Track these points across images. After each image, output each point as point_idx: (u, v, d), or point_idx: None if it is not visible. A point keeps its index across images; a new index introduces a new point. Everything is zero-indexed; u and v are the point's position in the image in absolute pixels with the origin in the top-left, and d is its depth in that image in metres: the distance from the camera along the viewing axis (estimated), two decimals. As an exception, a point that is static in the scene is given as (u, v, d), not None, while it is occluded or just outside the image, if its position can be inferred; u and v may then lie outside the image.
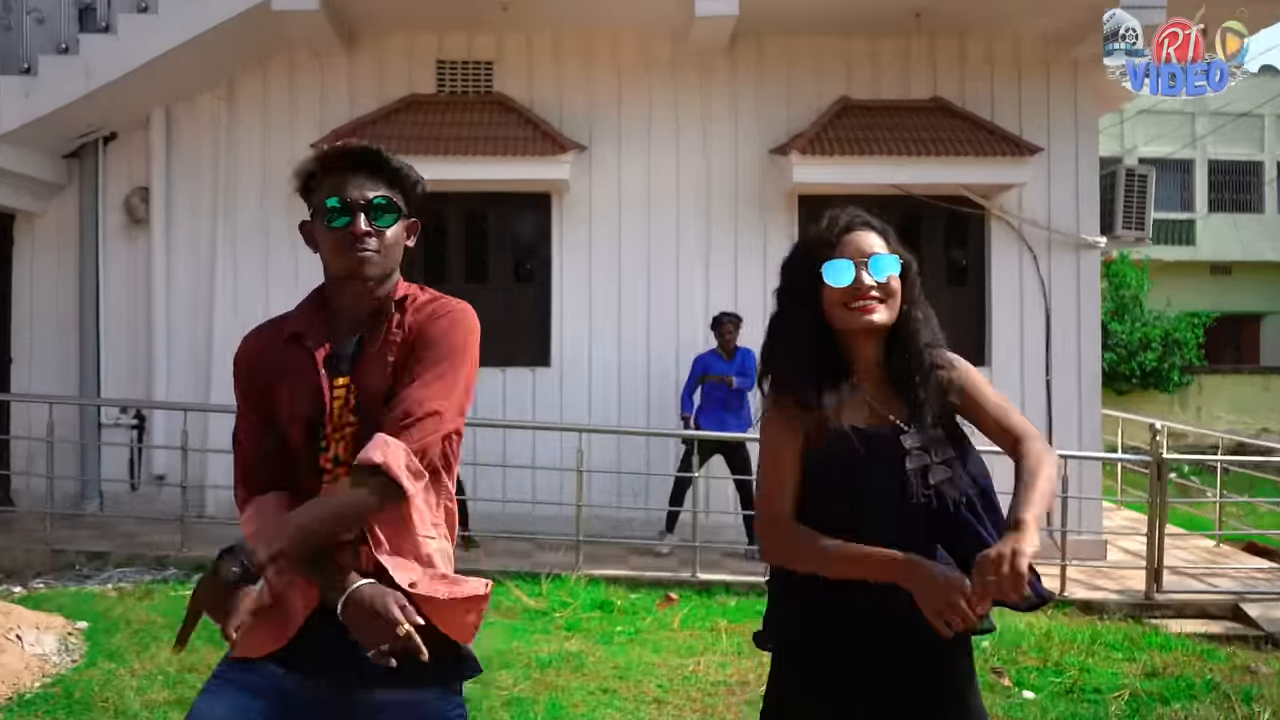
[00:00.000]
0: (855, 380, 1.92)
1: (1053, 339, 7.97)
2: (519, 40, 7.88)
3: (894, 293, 1.94)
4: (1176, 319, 20.82)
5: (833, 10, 7.47)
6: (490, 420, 7.35)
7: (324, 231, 1.85)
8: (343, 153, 1.89)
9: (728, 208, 7.91)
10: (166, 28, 7.02)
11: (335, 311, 1.90)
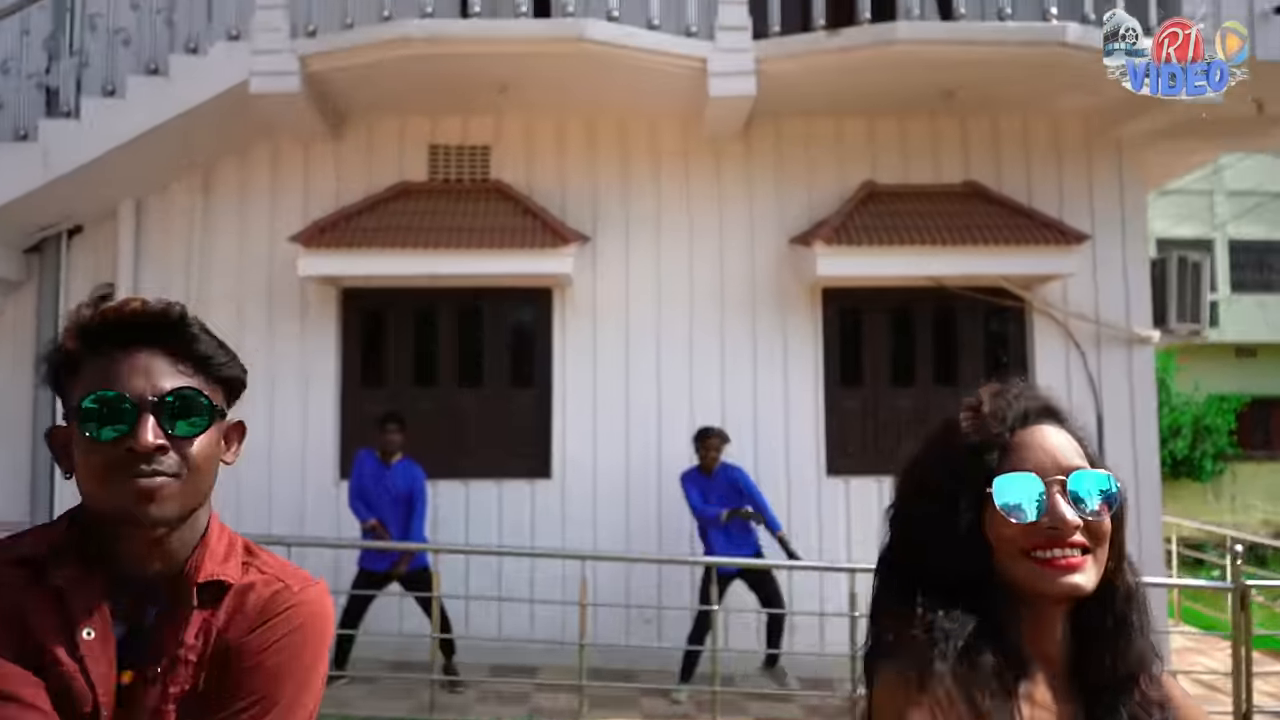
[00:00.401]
0: (1030, 670, 1.17)
1: (1106, 445, 7.20)
2: (517, 124, 7.32)
3: (1103, 537, 1.19)
4: (1206, 404, 20.08)
5: (856, 90, 6.89)
6: (484, 548, 6.60)
7: (85, 445, 1.17)
8: (117, 320, 1.20)
9: (745, 303, 7.25)
10: (134, 112, 6.45)
11: (106, 561, 1.19)
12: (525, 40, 6.19)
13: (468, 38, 6.18)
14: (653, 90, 6.82)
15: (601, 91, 6.90)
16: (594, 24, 6.17)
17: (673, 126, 7.32)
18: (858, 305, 7.36)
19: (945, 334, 7.40)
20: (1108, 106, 7.13)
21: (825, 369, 7.27)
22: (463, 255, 6.68)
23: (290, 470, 7.06)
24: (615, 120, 7.32)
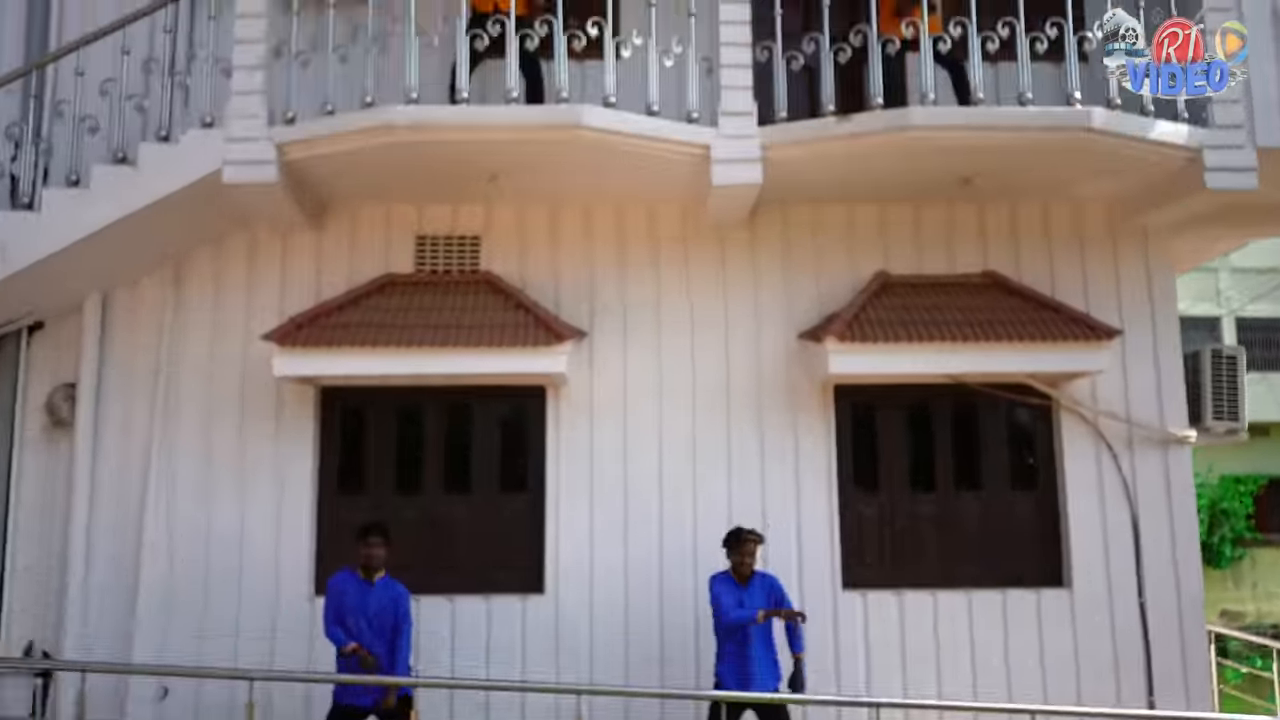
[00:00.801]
0: None
1: (1143, 553, 6.68)
2: (509, 213, 6.92)
3: None
4: (1221, 486, 19.52)
5: (867, 177, 6.51)
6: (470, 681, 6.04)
7: None
8: None
9: (751, 401, 6.77)
10: (99, 203, 6.04)
11: None
12: (518, 128, 5.80)
13: (456, 125, 5.79)
14: (652, 178, 6.43)
15: (598, 179, 6.52)
16: (591, 110, 5.79)
17: (673, 215, 6.93)
18: (872, 403, 6.88)
19: (966, 434, 6.91)
20: (1132, 192, 6.77)
21: (839, 472, 6.76)
22: (450, 354, 6.21)
23: (262, 584, 6.51)
24: (612, 209, 6.92)
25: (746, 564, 5.78)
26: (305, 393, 6.70)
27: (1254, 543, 19.33)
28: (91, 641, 6.36)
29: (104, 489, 6.57)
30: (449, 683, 6.03)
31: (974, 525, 6.81)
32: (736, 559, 5.80)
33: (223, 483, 6.60)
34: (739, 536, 5.82)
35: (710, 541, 6.48)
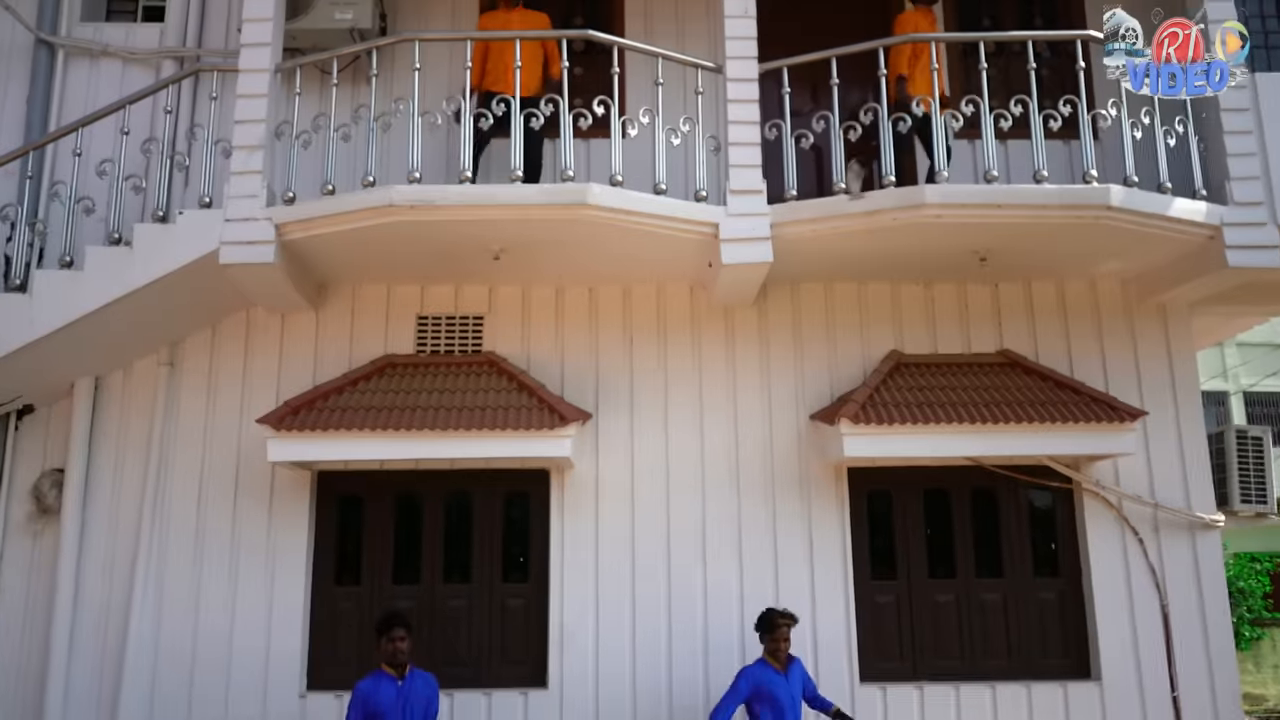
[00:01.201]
0: None
1: (1175, 644, 6.38)
2: (513, 293, 6.77)
3: None
4: (1236, 564, 19.12)
5: (880, 255, 6.37)
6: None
7: None
8: None
9: (763, 485, 6.54)
10: (93, 285, 5.89)
11: None
12: (523, 206, 5.67)
13: (460, 204, 5.66)
14: (660, 257, 6.30)
15: (604, 259, 6.38)
16: (597, 189, 5.67)
17: (681, 294, 6.78)
18: (888, 486, 6.66)
19: (986, 518, 6.67)
20: (1151, 270, 6.63)
21: (854, 558, 6.50)
22: (450, 438, 5.99)
23: (250, 680, 6.20)
24: (619, 288, 6.78)
25: (783, 649, 5.51)
26: (301, 478, 6.47)
27: (1272, 623, 18.85)
28: (71, 742, 6.05)
29: (89, 580, 6.30)
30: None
31: (996, 614, 6.53)
32: (772, 645, 5.52)
33: (213, 574, 6.34)
34: (772, 620, 5.55)
35: (722, 629, 6.23)
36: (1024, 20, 7.44)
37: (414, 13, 7.22)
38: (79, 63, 7.11)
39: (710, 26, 6.85)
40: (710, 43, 6.82)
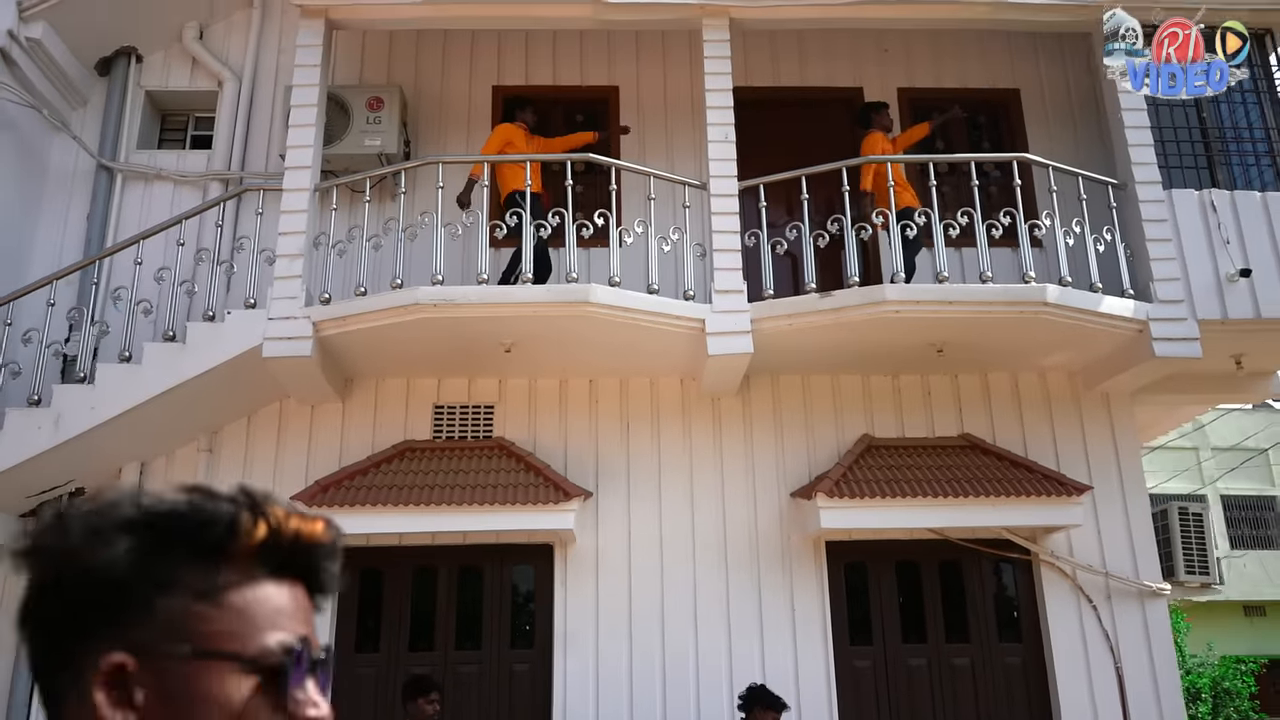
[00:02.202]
0: None
1: (1129, 704, 6.92)
2: (521, 384, 7.51)
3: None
4: (1221, 666, 19.37)
5: (849, 348, 7.14)
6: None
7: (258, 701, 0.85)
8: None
9: (748, 557, 7.16)
10: (149, 377, 6.61)
11: None
12: (532, 305, 6.47)
13: (478, 303, 6.45)
14: (652, 349, 7.06)
15: (603, 352, 7.14)
16: (598, 289, 6.47)
17: (672, 384, 7.52)
18: (863, 559, 7.28)
19: (954, 588, 7.28)
20: (1091, 362, 7.40)
21: (834, 626, 7.08)
22: (464, 512, 6.64)
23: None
24: (616, 380, 7.52)
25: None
26: (326, 554, 7.06)
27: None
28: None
29: (129, 649, 6.83)
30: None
31: (965, 677, 7.07)
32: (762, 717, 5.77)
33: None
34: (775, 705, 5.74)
35: (712, 695, 6.75)
36: (974, 143, 8.42)
37: (433, 136, 8.16)
38: (134, 185, 7.99)
39: (696, 143, 7.74)
40: (696, 160, 7.72)
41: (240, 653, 0.84)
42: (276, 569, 0.89)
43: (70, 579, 0.84)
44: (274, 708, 0.84)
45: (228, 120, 8.12)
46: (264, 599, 0.88)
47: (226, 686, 0.83)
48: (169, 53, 8.35)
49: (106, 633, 0.83)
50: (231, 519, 0.87)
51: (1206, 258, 7.02)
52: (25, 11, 7.35)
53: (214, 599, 0.85)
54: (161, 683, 0.83)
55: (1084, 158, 7.88)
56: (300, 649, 0.87)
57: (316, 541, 0.92)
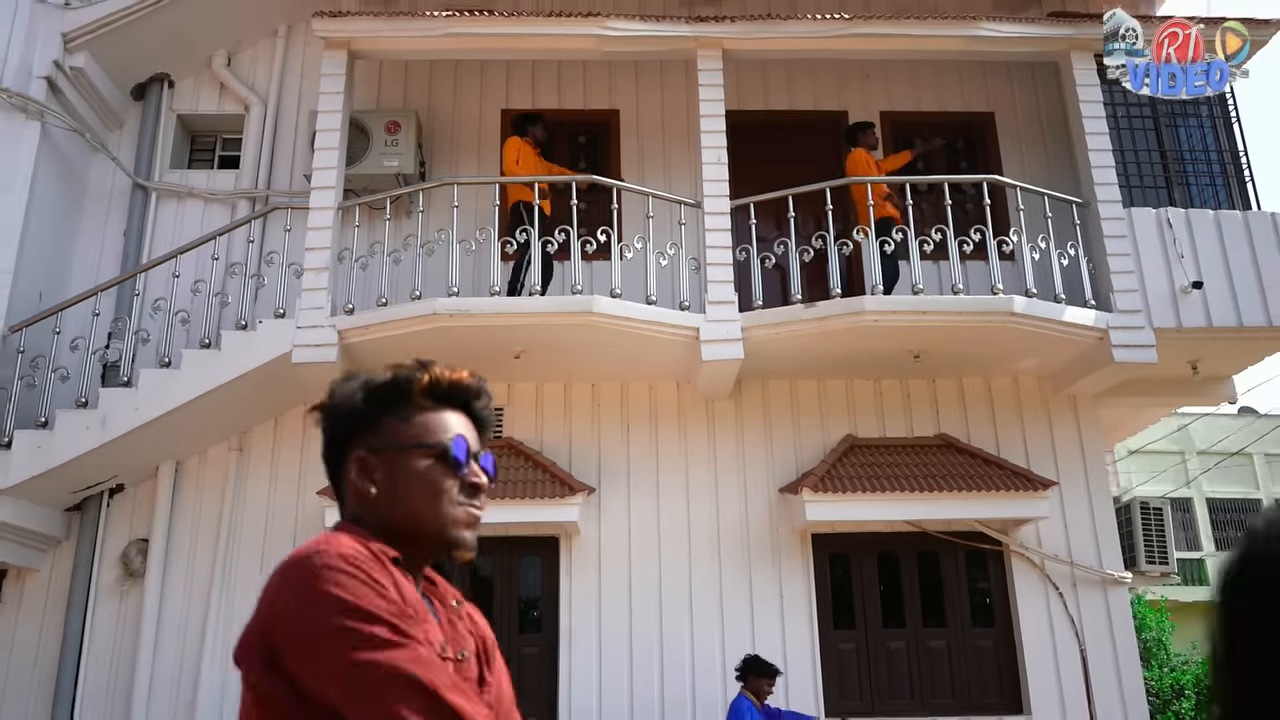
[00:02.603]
0: None
1: (1092, 682, 7.48)
2: (528, 388, 8.07)
3: None
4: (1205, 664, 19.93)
5: (832, 354, 7.71)
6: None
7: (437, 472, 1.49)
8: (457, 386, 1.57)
9: (740, 548, 7.72)
10: (186, 381, 7.18)
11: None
12: (541, 314, 7.04)
13: (489, 312, 7.03)
14: (651, 356, 7.63)
15: (605, 358, 7.70)
16: (601, 300, 7.05)
17: (669, 388, 8.09)
18: (846, 550, 7.84)
19: (931, 576, 7.84)
20: (1057, 367, 7.97)
21: (819, 612, 7.63)
22: (478, 507, 7.19)
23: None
24: (617, 384, 8.09)
25: (766, 692, 6.48)
26: (348, 545, 7.62)
27: (1242, 719, 19.58)
28: (148, 774, 7.05)
29: (167, 633, 7.39)
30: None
31: (941, 659, 7.63)
32: (755, 686, 6.45)
33: (273, 626, 7.42)
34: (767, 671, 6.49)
35: (707, 674, 7.30)
36: (952, 163, 9.00)
37: (446, 157, 8.74)
38: (168, 202, 8.57)
39: (692, 164, 8.28)
40: (692, 179, 8.27)
41: (425, 445, 1.50)
42: (441, 400, 1.54)
43: (338, 412, 1.54)
44: (451, 476, 1.50)
45: (254, 141, 8.70)
46: (436, 418, 1.52)
47: (421, 465, 1.49)
48: (199, 78, 8.92)
49: (356, 441, 1.52)
50: (408, 375, 1.53)
51: (1162, 270, 7.59)
52: (69, 43, 7.92)
53: (407, 419, 1.51)
54: (386, 466, 1.49)
55: (1054, 177, 8.47)
56: (462, 442, 1.51)
57: (462, 382, 1.56)
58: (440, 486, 1.50)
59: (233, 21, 8.78)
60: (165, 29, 8.40)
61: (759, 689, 6.49)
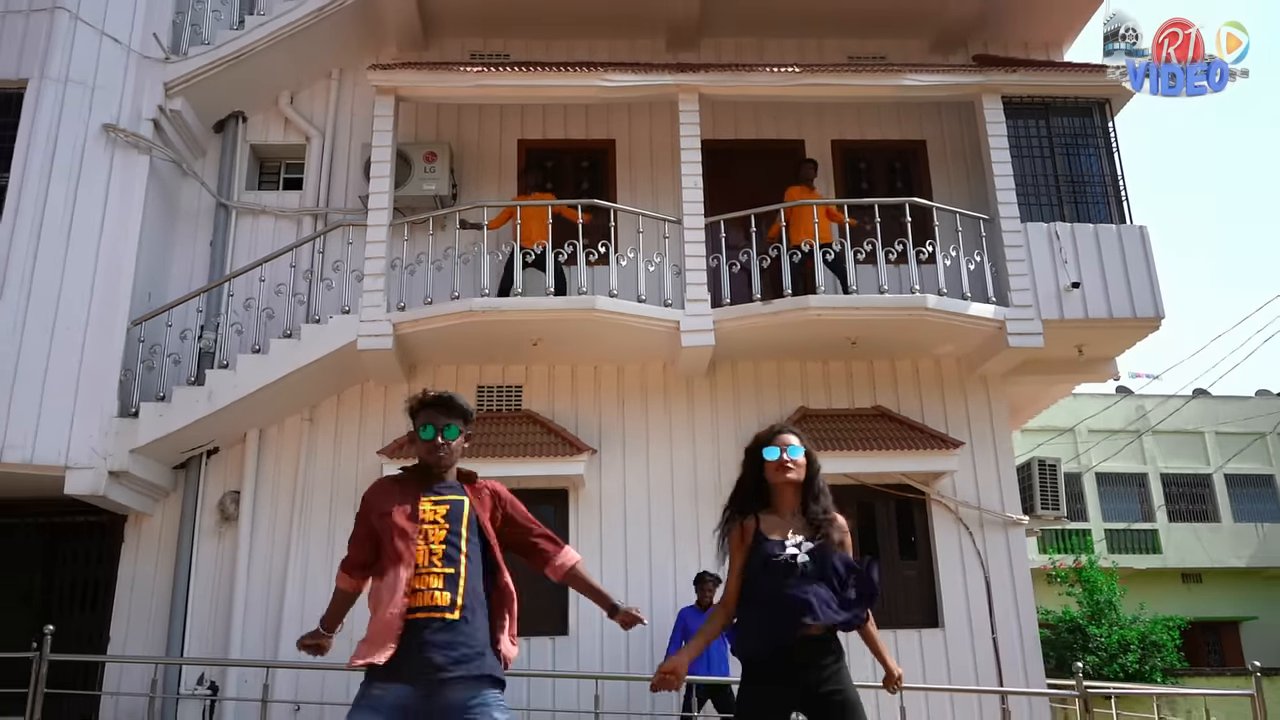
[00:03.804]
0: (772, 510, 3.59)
1: (994, 603, 9.41)
2: (543, 369, 9.97)
3: (802, 466, 3.63)
4: (1152, 623, 21.86)
5: (788, 341, 9.61)
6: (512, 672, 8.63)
7: (420, 442, 3.69)
8: (433, 399, 3.70)
9: (712, 498, 9.58)
10: (274, 364, 9.06)
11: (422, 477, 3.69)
12: (554, 311, 8.95)
13: (514, 309, 8.93)
14: (641, 343, 9.52)
15: (604, 345, 9.59)
16: (601, 299, 8.94)
17: (656, 369, 9.98)
18: (799, 500, 9.74)
19: (867, 519, 9.75)
20: (969, 352, 9.87)
21: (777, 548, 9.53)
22: (502, 463, 9.07)
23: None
24: (614, 366, 9.98)
25: (707, 597, 8.48)
26: (399, 496, 9.52)
27: (1183, 672, 21.48)
28: (247, 675, 8.95)
29: (257, 565, 9.30)
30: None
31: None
32: (700, 592, 8.51)
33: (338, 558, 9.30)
34: (701, 578, 8.56)
35: (687, 594, 9.20)
36: (890, 182, 10.89)
37: (473, 179, 10.60)
38: (245, 218, 10.44)
39: (675, 184, 10.07)
40: (675, 197, 10.12)
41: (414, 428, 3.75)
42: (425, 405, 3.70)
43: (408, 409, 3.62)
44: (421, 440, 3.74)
45: (314, 167, 10.56)
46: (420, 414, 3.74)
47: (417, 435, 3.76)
48: (267, 114, 10.78)
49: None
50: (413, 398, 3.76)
51: (1050, 273, 9.49)
52: (169, 91, 9.77)
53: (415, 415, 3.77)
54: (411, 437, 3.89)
55: (973, 194, 10.35)
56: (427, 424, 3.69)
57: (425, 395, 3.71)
58: (421, 446, 3.68)
59: (294, 68, 10.62)
60: (241, 76, 10.24)
61: (703, 596, 8.42)
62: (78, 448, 8.52)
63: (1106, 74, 8.99)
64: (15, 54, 9.35)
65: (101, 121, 9.34)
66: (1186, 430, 26.87)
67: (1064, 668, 17.54)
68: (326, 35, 10.46)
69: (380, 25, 10.71)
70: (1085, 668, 16.00)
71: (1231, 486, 26.84)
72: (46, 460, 8.41)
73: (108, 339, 8.90)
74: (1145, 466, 26.80)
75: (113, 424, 8.70)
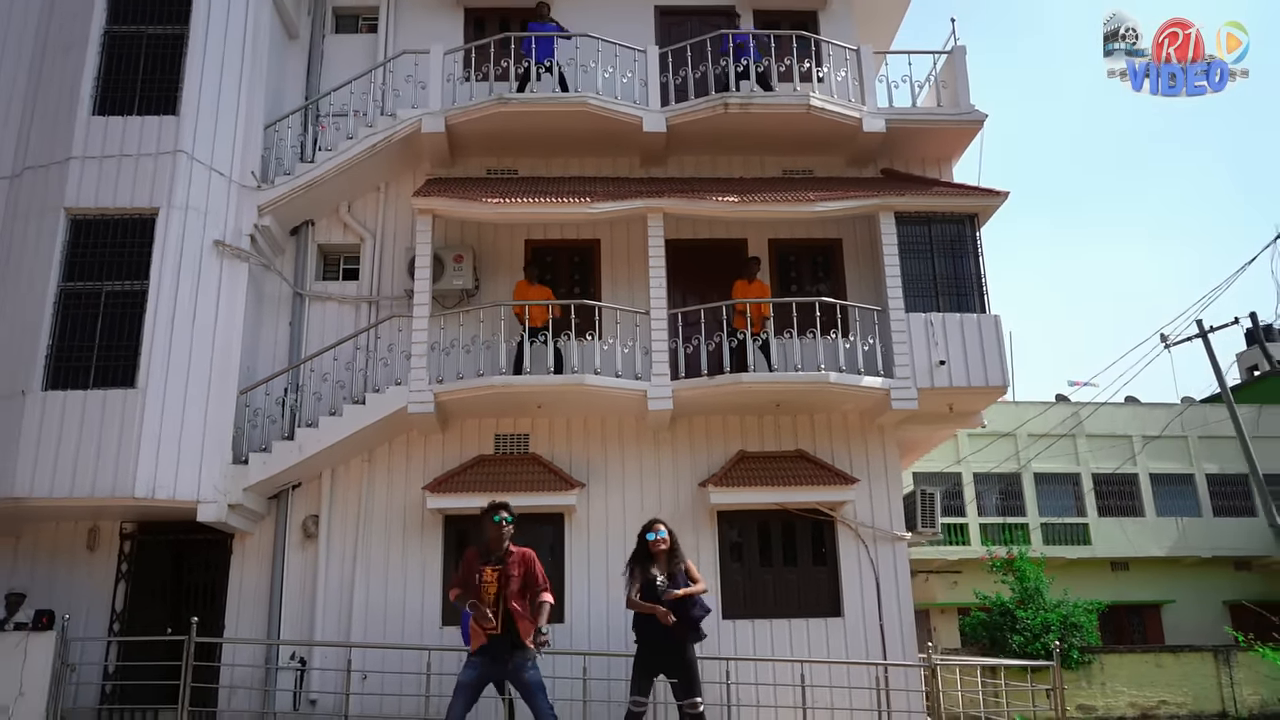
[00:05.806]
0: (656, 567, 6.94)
1: (882, 598, 12.62)
2: (545, 422, 13.12)
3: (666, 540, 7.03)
4: (1073, 606, 25.05)
5: (729, 403, 12.77)
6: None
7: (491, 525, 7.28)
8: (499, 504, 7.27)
9: (675, 521, 12.53)
10: (346, 423, 12.19)
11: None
12: (553, 385, 12.11)
13: (524, 384, 12.09)
14: (619, 406, 12.68)
15: (591, 407, 12.74)
16: (589, 376, 12.12)
17: (630, 423, 13.14)
18: (740, 523, 12.93)
19: (789, 537, 12.95)
20: (868, 409, 13.05)
21: (720, 557, 12.72)
22: (513, 495, 12.17)
23: (413, 617, 12.30)
24: (599, 420, 13.14)
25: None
26: (437, 520, 12.69)
27: (1101, 650, 24.68)
28: (327, 653, 12.14)
29: (332, 573, 12.45)
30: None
31: (792, 585, 12.74)
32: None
33: (394, 568, 12.49)
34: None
35: (651, 593, 12.41)
36: (814, 274, 14.03)
37: (492, 274, 13.72)
38: (315, 304, 13.54)
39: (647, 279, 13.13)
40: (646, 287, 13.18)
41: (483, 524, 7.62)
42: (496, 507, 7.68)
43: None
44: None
45: (368, 262, 13.68)
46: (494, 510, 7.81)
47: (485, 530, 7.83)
48: (330, 220, 13.88)
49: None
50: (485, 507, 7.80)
51: (925, 352, 12.64)
52: (261, 210, 12.89)
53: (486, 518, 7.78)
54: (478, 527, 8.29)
55: (877, 281, 13.49)
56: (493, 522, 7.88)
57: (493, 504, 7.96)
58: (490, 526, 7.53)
59: (351, 184, 13.71)
60: (312, 194, 13.35)
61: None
62: (205, 487, 11.69)
63: (972, 196, 12.18)
64: (148, 187, 12.40)
65: (213, 238, 12.44)
66: (1116, 435, 30.09)
67: (996, 645, 20.90)
68: (378, 160, 13.57)
69: (418, 150, 13.81)
70: (1013, 645, 19.45)
71: (1155, 484, 30.10)
72: (185, 497, 11.57)
73: (223, 405, 12.06)
74: (1079, 467, 30.02)
75: (230, 469, 11.88)
